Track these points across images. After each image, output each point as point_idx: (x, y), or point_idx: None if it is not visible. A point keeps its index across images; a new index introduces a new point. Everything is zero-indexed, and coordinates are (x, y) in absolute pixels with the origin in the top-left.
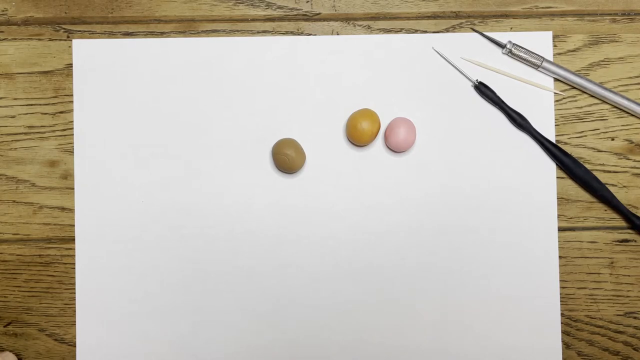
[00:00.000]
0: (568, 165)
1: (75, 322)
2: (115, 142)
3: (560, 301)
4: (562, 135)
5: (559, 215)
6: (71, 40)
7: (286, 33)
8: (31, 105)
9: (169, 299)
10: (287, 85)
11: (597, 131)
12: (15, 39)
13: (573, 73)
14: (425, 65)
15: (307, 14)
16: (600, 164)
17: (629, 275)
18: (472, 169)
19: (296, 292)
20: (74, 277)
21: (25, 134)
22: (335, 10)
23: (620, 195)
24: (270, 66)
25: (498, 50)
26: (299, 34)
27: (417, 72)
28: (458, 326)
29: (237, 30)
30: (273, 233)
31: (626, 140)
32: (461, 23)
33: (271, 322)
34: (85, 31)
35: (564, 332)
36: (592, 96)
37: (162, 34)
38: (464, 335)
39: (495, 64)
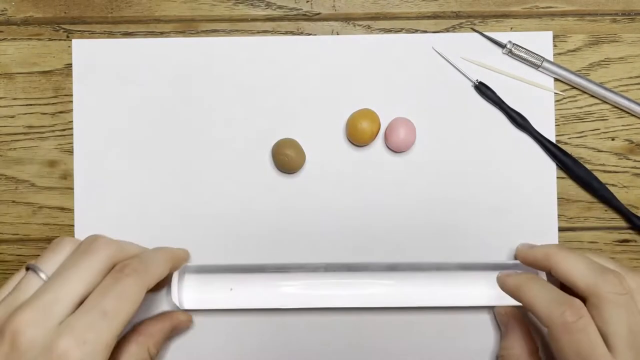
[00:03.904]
0: (568, 165)
1: None
2: (115, 142)
3: None
4: (562, 135)
5: (559, 215)
6: (71, 40)
7: (286, 33)
8: (30, 105)
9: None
10: (287, 85)
11: (598, 131)
12: (15, 38)
13: (573, 73)
14: (425, 65)
15: (307, 14)
16: (600, 164)
17: None
18: (472, 169)
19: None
20: None
21: (25, 134)
22: (335, 10)
23: (621, 195)
24: (270, 66)
25: (498, 50)
26: (299, 34)
27: (417, 72)
28: (458, 325)
29: (237, 30)
30: (272, 233)
31: (626, 140)
32: (461, 23)
33: (271, 322)
34: (85, 31)
35: None
36: (592, 96)
37: (162, 34)
38: (464, 334)
39: (495, 64)
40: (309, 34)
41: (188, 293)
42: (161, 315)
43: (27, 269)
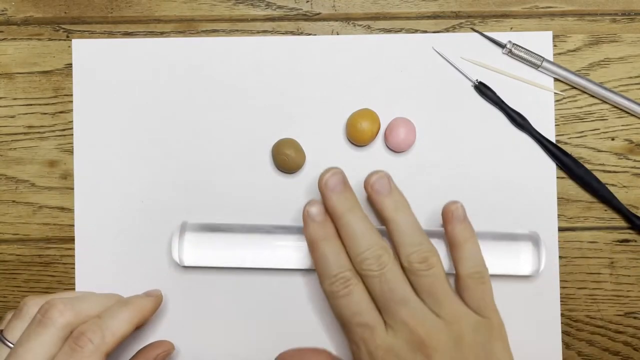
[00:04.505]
0: (568, 165)
1: None
2: (115, 142)
3: (560, 301)
4: (562, 135)
5: (559, 215)
6: (71, 40)
7: (286, 33)
8: (30, 105)
9: (169, 301)
10: (287, 85)
11: (597, 131)
12: (15, 38)
13: (573, 73)
14: (425, 65)
15: (307, 14)
16: (600, 164)
17: (629, 275)
18: (472, 169)
19: (296, 292)
20: (73, 277)
21: (25, 134)
22: (335, 10)
23: (620, 195)
24: (270, 66)
25: (498, 50)
26: (299, 34)
27: (417, 72)
28: None
29: (237, 30)
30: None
31: (626, 140)
32: (461, 23)
33: (271, 323)
34: (85, 31)
35: (564, 332)
36: (592, 96)
37: (162, 34)
38: None
39: (495, 64)
40: (309, 34)
41: (188, 250)
42: (134, 357)
43: None
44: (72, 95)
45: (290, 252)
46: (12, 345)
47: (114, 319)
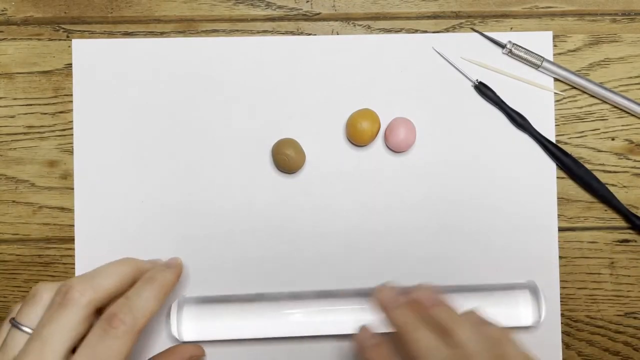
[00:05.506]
0: (568, 165)
1: None
2: (115, 142)
3: (560, 301)
4: (562, 135)
5: (559, 215)
6: (71, 40)
7: (286, 33)
8: (30, 105)
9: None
10: (287, 85)
11: (597, 131)
12: (15, 38)
13: (573, 73)
14: (425, 65)
15: (307, 13)
16: (600, 164)
17: (629, 276)
18: (472, 169)
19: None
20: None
21: (25, 134)
22: (335, 10)
23: (620, 195)
24: (270, 66)
25: (498, 50)
26: (299, 34)
27: (417, 72)
28: None
29: (237, 30)
30: (272, 232)
31: (626, 140)
32: (461, 23)
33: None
34: (85, 31)
35: (564, 333)
36: (592, 96)
37: (162, 34)
38: None
39: (495, 64)
40: (309, 34)
41: (187, 325)
42: (169, 351)
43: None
44: (72, 95)
45: (295, 320)
46: (29, 331)
47: (141, 298)
